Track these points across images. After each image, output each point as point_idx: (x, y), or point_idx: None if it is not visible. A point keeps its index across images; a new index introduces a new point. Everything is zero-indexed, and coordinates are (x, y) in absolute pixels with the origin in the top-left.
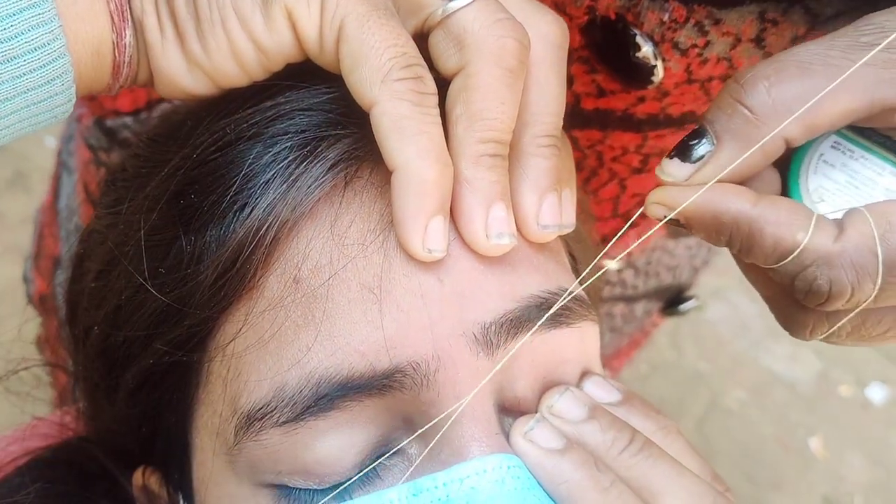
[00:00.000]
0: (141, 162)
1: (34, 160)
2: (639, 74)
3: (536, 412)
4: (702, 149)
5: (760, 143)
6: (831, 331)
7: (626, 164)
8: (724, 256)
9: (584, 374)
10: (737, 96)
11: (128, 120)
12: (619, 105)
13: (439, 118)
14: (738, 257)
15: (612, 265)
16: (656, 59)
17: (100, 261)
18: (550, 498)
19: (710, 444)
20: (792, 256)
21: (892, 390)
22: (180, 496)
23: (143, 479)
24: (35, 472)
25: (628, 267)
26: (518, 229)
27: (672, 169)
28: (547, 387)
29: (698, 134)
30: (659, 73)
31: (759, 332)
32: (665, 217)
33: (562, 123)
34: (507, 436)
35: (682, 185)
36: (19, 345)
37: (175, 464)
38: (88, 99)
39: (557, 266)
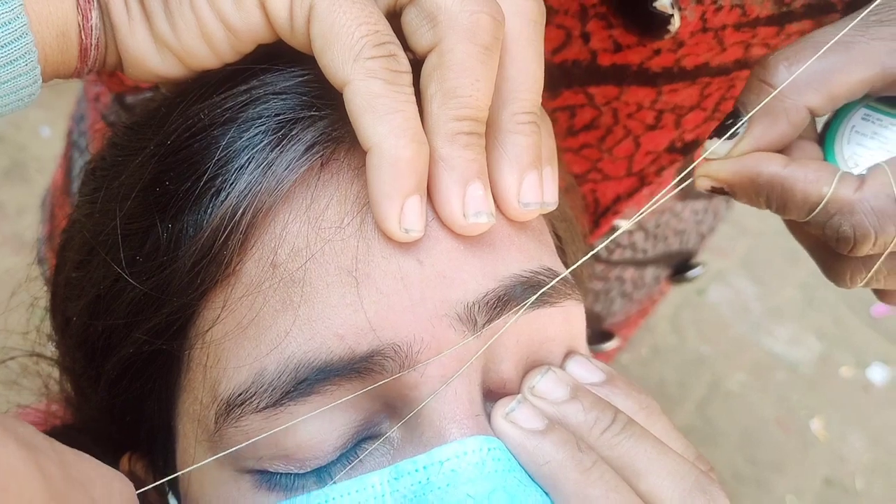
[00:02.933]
0: (118, 150)
1: (31, 150)
2: (655, 25)
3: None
4: (737, 126)
5: (767, 100)
6: (869, 275)
7: (640, 120)
8: (726, 239)
9: (569, 353)
10: (762, 77)
11: (149, 95)
12: (635, 59)
13: (413, 96)
14: (780, 216)
15: (623, 224)
16: (673, 8)
17: (79, 250)
18: (532, 479)
19: (712, 427)
20: (819, 208)
21: (893, 371)
22: (165, 482)
23: (129, 465)
24: None
25: (639, 229)
26: (498, 208)
27: (713, 147)
28: (531, 367)
29: (733, 114)
30: (675, 23)
31: (760, 315)
32: (712, 187)
33: (540, 100)
34: (488, 417)
35: (722, 159)
36: (3, 334)
37: (160, 451)
38: (108, 76)
39: (540, 245)
